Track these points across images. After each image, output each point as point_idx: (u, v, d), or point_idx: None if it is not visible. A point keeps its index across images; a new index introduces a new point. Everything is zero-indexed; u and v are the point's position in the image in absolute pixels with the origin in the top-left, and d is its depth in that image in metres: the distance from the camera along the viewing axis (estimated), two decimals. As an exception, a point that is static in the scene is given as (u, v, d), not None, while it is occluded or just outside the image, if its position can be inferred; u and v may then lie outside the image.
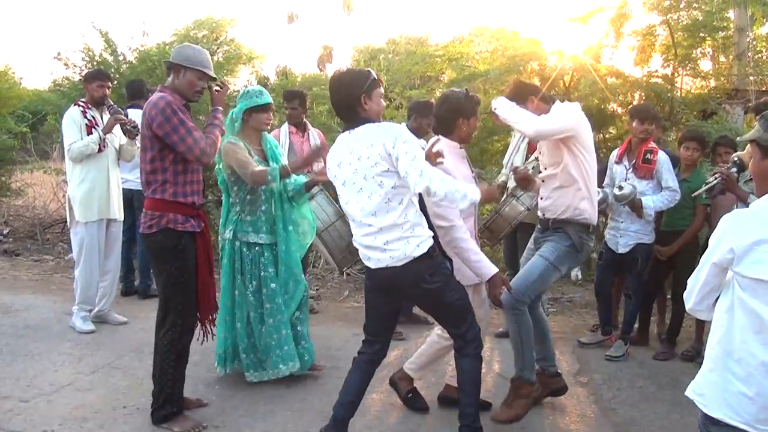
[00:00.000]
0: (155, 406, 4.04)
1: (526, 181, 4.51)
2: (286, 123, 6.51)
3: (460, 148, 4.18)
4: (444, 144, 3.92)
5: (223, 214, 4.81)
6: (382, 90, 3.63)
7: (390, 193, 3.39)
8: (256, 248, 4.67)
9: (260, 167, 4.51)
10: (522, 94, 4.27)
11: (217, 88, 4.20)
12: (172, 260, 3.94)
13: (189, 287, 4.01)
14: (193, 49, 4.07)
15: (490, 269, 3.83)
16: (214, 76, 4.16)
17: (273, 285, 4.66)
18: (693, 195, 4.93)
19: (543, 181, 4.36)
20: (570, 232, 4.19)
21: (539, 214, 4.42)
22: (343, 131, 3.60)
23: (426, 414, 4.38)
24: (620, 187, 5.29)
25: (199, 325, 4.24)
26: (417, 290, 3.55)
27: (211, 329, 4.35)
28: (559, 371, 4.52)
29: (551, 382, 4.47)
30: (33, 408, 4.24)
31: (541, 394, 4.46)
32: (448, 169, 3.74)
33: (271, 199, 4.74)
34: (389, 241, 3.43)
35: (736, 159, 4.29)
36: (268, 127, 4.89)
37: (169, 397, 4.01)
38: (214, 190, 8.41)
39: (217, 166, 4.75)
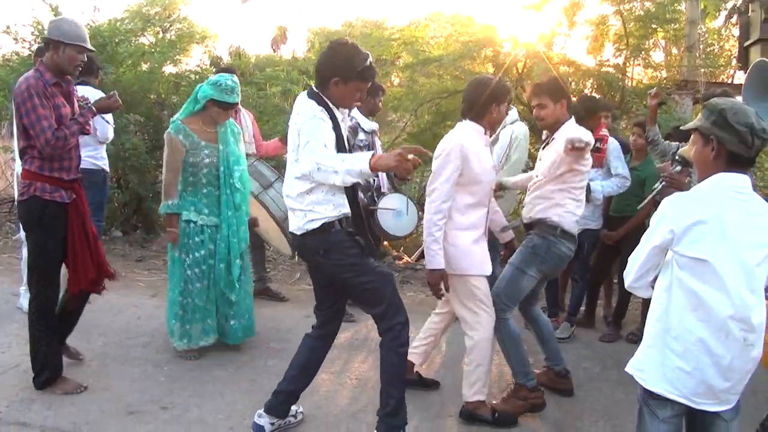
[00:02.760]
0: (35, 373, 4.17)
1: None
2: None
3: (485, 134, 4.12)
4: (471, 129, 4.00)
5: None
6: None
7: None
8: (192, 226, 4.73)
9: (170, 188, 4.68)
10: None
11: (118, 101, 4.37)
12: (36, 228, 4.06)
13: (52, 257, 4.10)
14: (70, 24, 4.09)
15: (435, 264, 3.86)
16: (92, 49, 4.25)
17: (205, 265, 4.77)
18: (639, 207, 4.93)
19: (528, 189, 4.37)
20: (535, 233, 4.22)
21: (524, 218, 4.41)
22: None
23: (376, 394, 4.42)
24: None
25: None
26: (315, 262, 3.67)
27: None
28: (568, 371, 4.54)
29: (558, 381, 4.51)
30: (-22, 389, 4.18)
31: (543, 383, 4.45)
32: (472, 153, 3.86)
33: (216, 183, 4.76)
34: (293, 209, 3.58)
35: (678, 158, 4.37)
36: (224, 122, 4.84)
37: (45, 364, 4.15)
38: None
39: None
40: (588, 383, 4.72)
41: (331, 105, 3.52)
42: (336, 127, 3.51)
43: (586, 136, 3.92)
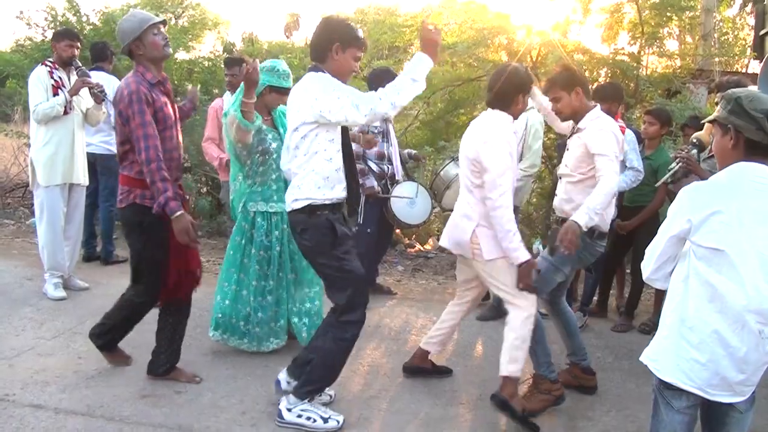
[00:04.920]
0: (95, 332, 4.32)
1: None
2: (227, 92, 6.16)
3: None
4: (499, 118, 4.00)
5: (234, 188, 4.74)
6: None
7: (300, 141, 3.59)
8: (270, 218, 4.62)
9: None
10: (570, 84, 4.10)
11: None
12: (138, 234, 3.94)
13: (156, 262, 3.99)
14: (126, 21, 3.92)
15: (520, 257, 3.85)
16: (163, 20, 4.03)
17: (277, 261, 4.63)
18: (656, 185, 4.92)
19: (560, 178, 4.30)
20: None
21: (557, 211, 4.33)
22: None
23: (388, 380, 4.44)
24: None
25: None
26: (296, 240, 3.81)
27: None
28: (592, 368, 4.47)
29: (583, 377, 4.44)
30: (-7, 371, 4.22)
31: (566, 382, 4.39)
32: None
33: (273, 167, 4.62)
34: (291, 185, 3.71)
35: (695, 140, 4.34)
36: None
37: (105, 331, 4.28)
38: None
39: (227, 144, 4.62)
40: (600, 373, 4.71)
41: None
42: None
43: (605, 144, 3.90)
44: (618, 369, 4.86)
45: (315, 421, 3.71)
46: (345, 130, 3.75)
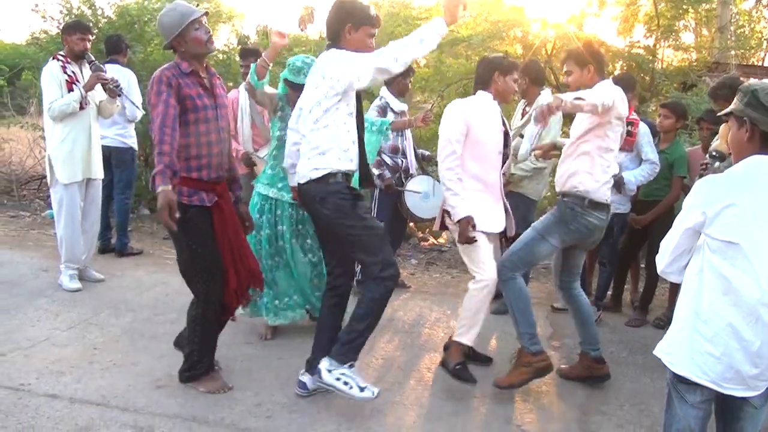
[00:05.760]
0: (183, 367, 4.04)
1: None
2: (243, 84, 6.00)
3: (496, 101, 4.39)
4: (479, 97, 4.36)
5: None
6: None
7: (322, 115, 3.67)
8: (272, 202, 4.75)
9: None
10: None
11: None
12: (181, 233, 3.73)
13: (205, 262, 3.83)
14: (166, 15, 3.78)
15: (460, 212, 4.14)
16: (203, 12, 3.86)
17: (282, 241, 4.76)
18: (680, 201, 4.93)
19: (561, 156, 4.33)
20: (564, 202, 4.15)
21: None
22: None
23: (402, 373, 4.45)
24: None
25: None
26: (314, 211, 3.78)
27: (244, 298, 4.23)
28: (603, 357, 4.43)
29: (594, 367, 4.40)
30: (10, 362, 4.24)
31: (580, 375, 4.43)
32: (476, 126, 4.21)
33: None
34: (304, 158, 3.75)
35: (714, 153, 4.32)
36: None
37: (194, 364, 4.00)
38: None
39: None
40: (614, 367, 4.69)
41: None
42: None
43: (593, 95, 3.87)
44: (632, 363, 4.85)
45: (351, 387, 3.68)
46: (359, 103, 3.87)
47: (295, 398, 3.97)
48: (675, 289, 5.35)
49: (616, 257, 5.76)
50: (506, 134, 4.45)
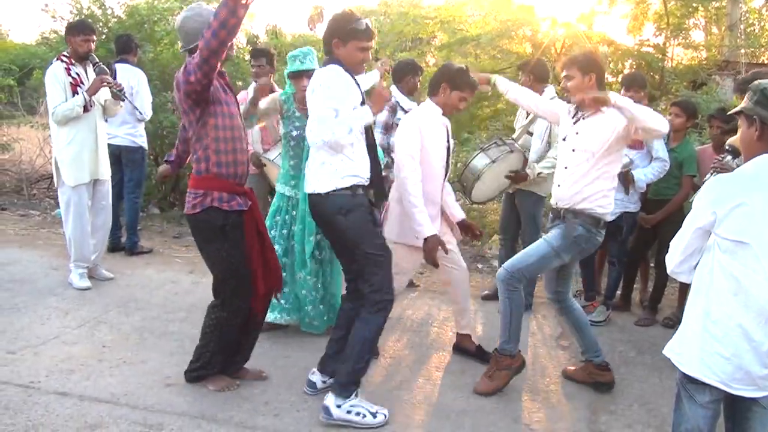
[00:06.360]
0: (191, 367, 4.03)
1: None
2: (253, 83, 6.00)
3: (443, 114, 4.29)
4: (427, 105, 4.31)
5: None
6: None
7: None
8: (287, 201, 4.81)
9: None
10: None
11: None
12: (222, 241, 3.73)
13: (241, 270, 3.82)
14: (187, 19, 3.71)
15: (427, 231, 4.02)
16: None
17: (293, 241, 4.79)
18: (689, 200, 4.95)
19: (566, 168, 4.15)
20: (579, 223, 4.05)
21: (552, 202, 4.27)
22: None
23: (410, 372, 4.45)
24: None
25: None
26: (334, 222, 3.69)
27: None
28: (607, 363, 4.39)
29: (597, 374, 4.35)
30: (20, 360, 4.26)
31: (583, 381, 4.40)
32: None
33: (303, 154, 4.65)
34: (311, 167, 3.76)
35: (728, 147, 4.31)
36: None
37: (205, 364, 3.99)
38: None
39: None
40: (623, 367, 4.69)
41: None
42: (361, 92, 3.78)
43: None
44: (641, 363, 4.83)
45: (365, 416, 3.68)
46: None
47: (302, 397, 3.98)
48: (685, 288, 5.34)
49: (625, 256, 5.74)
50: (449, 150, 4.39)
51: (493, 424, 3.84)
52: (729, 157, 4.18)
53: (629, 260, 5.83)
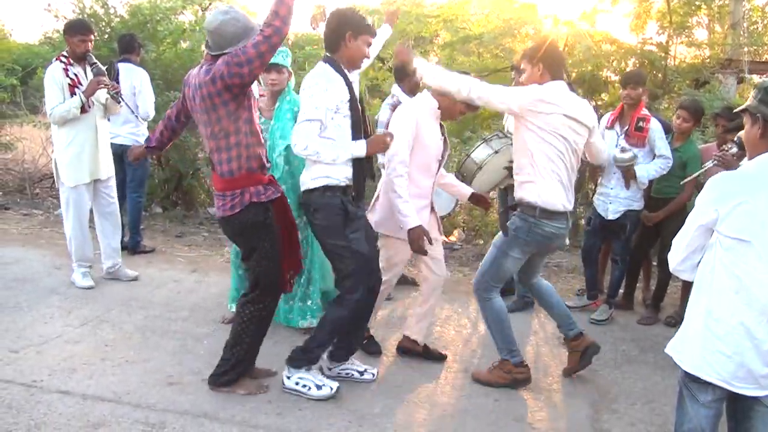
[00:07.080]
0: (220, 371, 3.97)
1: None
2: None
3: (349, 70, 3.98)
4: (424, 97, 4.33)
5: None
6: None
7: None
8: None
9: None
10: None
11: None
12: (265, 234, 3.75)
13: (277, 260, 3.84)
14: (234, 26, 3.60)
15: (411, 222, 4.02)
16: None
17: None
18: (682, 183, 5.10)
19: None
20: (517, 214, 4.08)
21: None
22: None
23: (413, 371, 4.45)
24: (623, 149, 5.30)
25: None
26: (308, 220, 3.97)
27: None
28: (582, 331, 4.40)
29: (573, 345, 4.41)
30: (22, 359, 4.27)
31: (573, 368, 4.45)
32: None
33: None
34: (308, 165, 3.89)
35: (736, 139, 4.30)
36: (276, 88, 4.74)
37: (236, 365, 3.95)
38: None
39: None
40: (626, 366, 4.68)
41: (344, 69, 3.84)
42: (350, 89, 3.83)
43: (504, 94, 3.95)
44: (643, 362, 4.82)
45: (309, 388, 3.91)
46: (358, 112, 3.88)
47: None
48: (687, 287, 5.32)
49: (628, 254, 5.73)
50: (445, 142, 4.41)
51: (494, 423, 3.84)
52: (734, 149, 4.18)
53: (632, 259, 5.83)
